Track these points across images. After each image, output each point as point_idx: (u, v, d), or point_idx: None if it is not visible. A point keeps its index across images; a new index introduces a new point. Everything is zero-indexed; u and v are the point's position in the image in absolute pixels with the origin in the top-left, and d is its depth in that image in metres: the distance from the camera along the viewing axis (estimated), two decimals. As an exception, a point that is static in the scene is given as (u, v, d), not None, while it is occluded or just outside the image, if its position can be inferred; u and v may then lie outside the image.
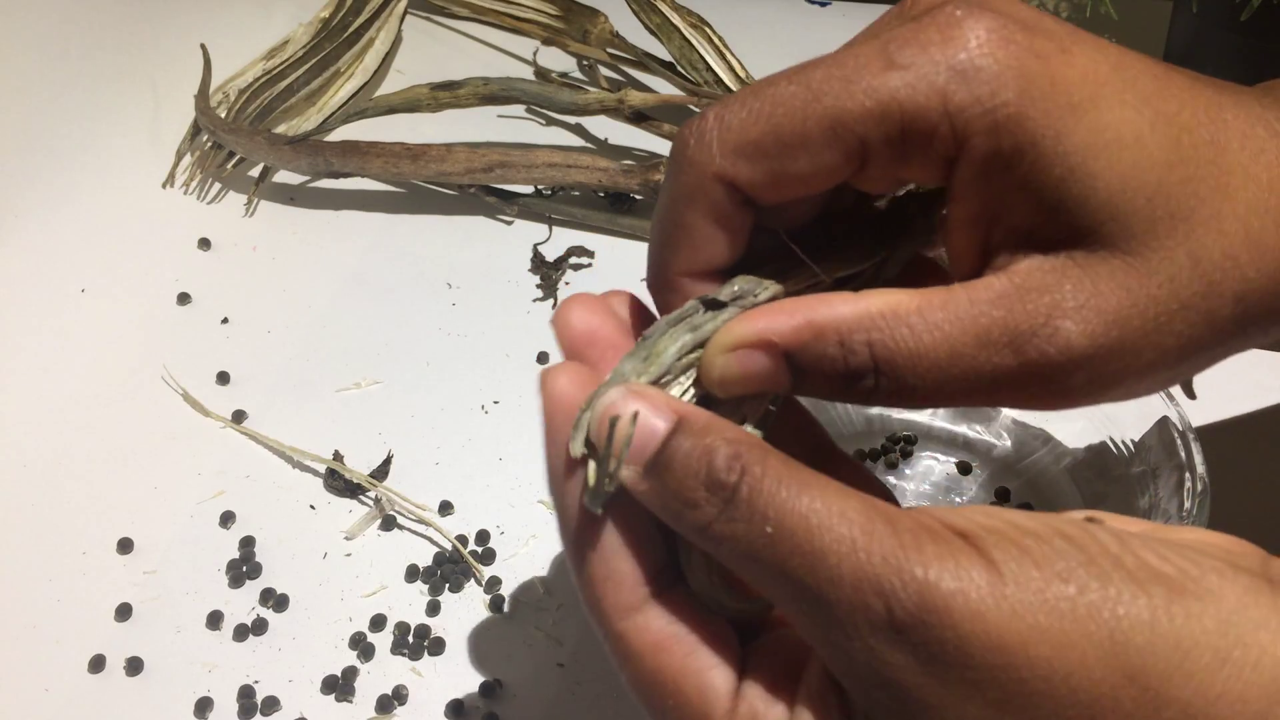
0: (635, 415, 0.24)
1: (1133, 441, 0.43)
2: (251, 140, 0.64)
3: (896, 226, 0.28)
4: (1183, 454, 0.40)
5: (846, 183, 0.27)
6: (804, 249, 0.27)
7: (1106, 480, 0.44)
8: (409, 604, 0.46)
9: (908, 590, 0.21)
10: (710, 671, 0.24)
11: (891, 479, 0.47)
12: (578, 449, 0.25)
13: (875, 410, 0.49)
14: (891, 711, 0.22)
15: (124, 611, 0.45)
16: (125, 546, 0.48)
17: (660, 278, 0.28)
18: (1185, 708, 0.21)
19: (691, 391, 0.27)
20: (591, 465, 0.24)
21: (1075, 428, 0.46)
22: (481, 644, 0.44)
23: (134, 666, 0.43)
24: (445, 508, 0.49)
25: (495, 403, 0.54)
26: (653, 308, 0.29)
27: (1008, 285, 0.25)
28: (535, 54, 0.71)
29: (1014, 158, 0.24)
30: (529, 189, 0.65)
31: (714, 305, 0.27)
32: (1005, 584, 0.21)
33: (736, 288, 0.27)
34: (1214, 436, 0.42)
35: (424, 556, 0.47)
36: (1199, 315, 0.25)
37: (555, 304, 0.60)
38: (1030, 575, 0.21)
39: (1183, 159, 0.24)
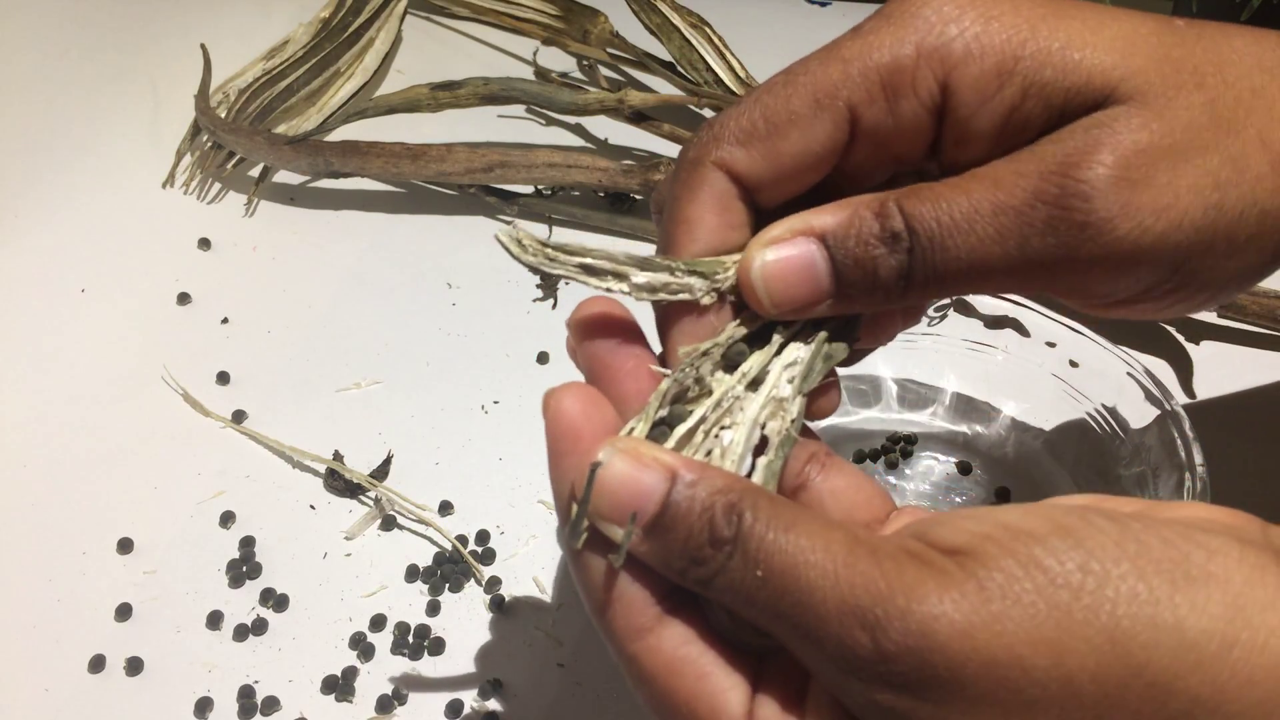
0: (633, 517, 0.24)
1: (1133, 442, 0.43)
2: (251, 140, 0.64)
3: None
4: (1183, 454, 0.40)
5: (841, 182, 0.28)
6: None
7: (1106, 481, 0.44)
8: (409, 604, 0.46)
9: (891, 620, 0.21)
10: (723, 694, 0.24)
11: (892, 479, 0.47)
12: (579, 542, 0.24)
13: (876, 410, 0.49)
14: None
15: (124, 611, 0.45)
16: (125, 546, 0.48)
17: None
18: (1193, 697, 0.21)
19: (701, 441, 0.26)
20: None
21: (1075, 428, 0.46)
22: (481, 644, 0.44)
23: (134, 666, 0.43)
24: (445, 508, 0.49)
25: (495, 403, 0.54)
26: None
27: (1030, 150, 0.26)
28: (535, 54, 0.71)
29: (1005, 69, 0.26)
30: (529, 189, 0.65)
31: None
32: (993, 600, 0.21)
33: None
34: (1214, 436, 0.42)
35: (424, 556, 0.47)
36: (1224, 157, 0.26)
37: (555, 304, 0.60)
38: (1022, 586, 0.21)
39: (1173, 30, 0.26)
